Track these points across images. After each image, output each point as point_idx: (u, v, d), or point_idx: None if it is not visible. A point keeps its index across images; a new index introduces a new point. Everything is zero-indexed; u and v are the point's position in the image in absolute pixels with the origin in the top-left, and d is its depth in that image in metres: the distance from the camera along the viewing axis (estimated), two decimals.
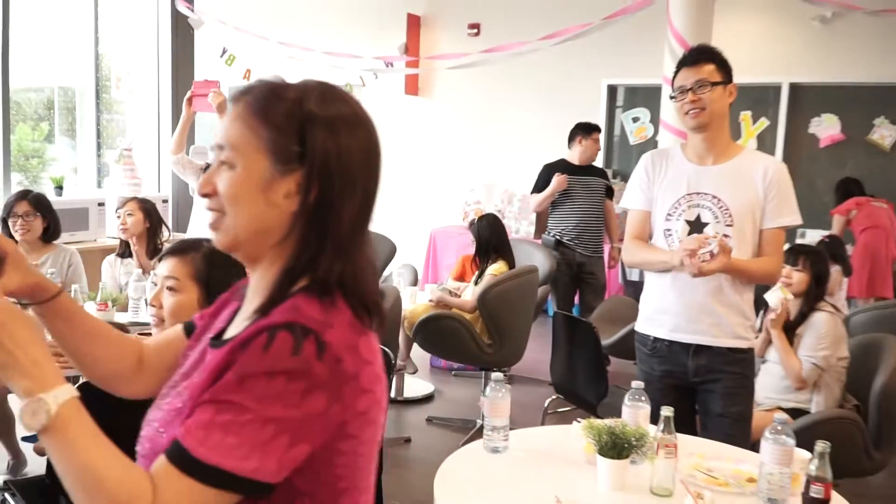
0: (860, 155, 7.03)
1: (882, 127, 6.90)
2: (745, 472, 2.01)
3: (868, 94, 6.97)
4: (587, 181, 5.45)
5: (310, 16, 8.97)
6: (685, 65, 2.67)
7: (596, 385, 3.62)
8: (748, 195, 2.58)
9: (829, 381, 3.33)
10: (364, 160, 1.13)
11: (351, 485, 1.09)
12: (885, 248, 5.86)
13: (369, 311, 1.11)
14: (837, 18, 6.75)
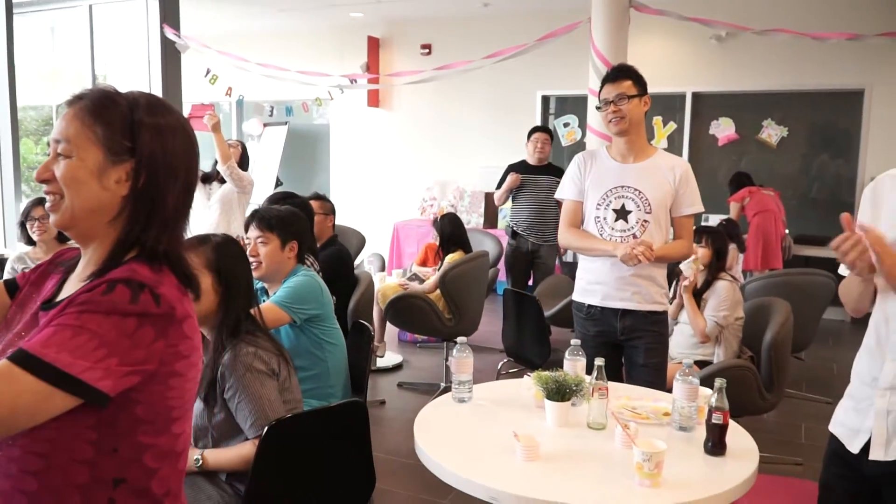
0: (752, 151, 7.27)
1: (769, 127, 7.17)
2: (661, 408, 2.17)
3: (757, 99, 7.20)
4: (538, 179, 5.49)
5: (282, 41, 8.95)
6: (607, 81, 2.81)
7: (540, 348, 3.79)
8: (663, 188, 2.75)
9: (729, 337, 3.55)
10: (185, 157, 1.20)
11: (181, 414, 1.18)
12: (774, 229, 6.11)
13: (189, 280, 1.20)
14: (731, 37, 6.98)
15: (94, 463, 1.10)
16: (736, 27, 5.59)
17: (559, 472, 1.80)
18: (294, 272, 2.75)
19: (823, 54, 6.50)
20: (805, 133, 7.12)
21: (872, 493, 1.65)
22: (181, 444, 1.21)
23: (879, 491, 1.64)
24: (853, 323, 6.61)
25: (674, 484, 1.70)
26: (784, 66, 6.89)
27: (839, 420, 1.74)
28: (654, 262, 2.72)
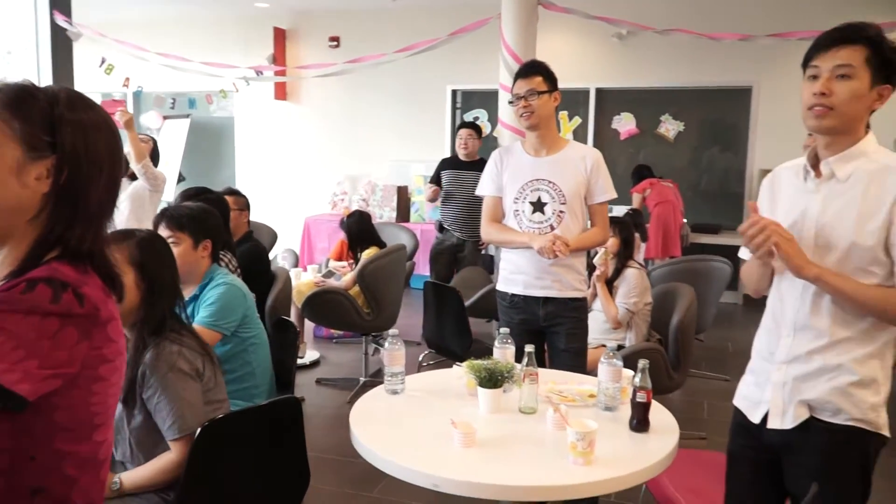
0: (651, 145, 7.63)
1: (667, 122, 7.54)
2: (586, 390, 2.28)
3: (656, 96, 7.55)
4: (465, 175, 5.48)
5: (184, 30, 8.63)
6: (519, 76, 2.89)
7: (461, 339, 3.85)
8: (576, 179, 2.86)
9: (639, 322, 3.74)
10: (108, 153, 1.16)
11: (103, 420, 1.14)
12: (674, 219, 6.44)
13: (113, 281, 1.17)
14: (632, 36, 7.29)
15: (9, 472, 1.06)
16: (638, 26, 5.85)
17: (497, 456, 1.86)
18: (210, 274, 2.68)
19: (717, 53, 6.90)
20: (699, 127, 7.54)
21: (773, 461, 1.79)
22: (103, 453, 1.18)
23: (779, 458, 1.78)
24: (746, 305, 7.08)
25: (605, 461, 1.80)
26: (681, 64, 7.26)
27: (742, 394, 1.88)
28: (573, 252, 2.83)
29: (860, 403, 1.66)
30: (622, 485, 1.77)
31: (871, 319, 1.65)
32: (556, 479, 1.73)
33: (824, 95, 1.62)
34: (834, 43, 1.63)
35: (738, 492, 1.91)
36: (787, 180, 1.81)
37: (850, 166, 1.66)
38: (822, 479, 1.64)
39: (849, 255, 1.64)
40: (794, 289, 1.72)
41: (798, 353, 1.71)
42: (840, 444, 1.68)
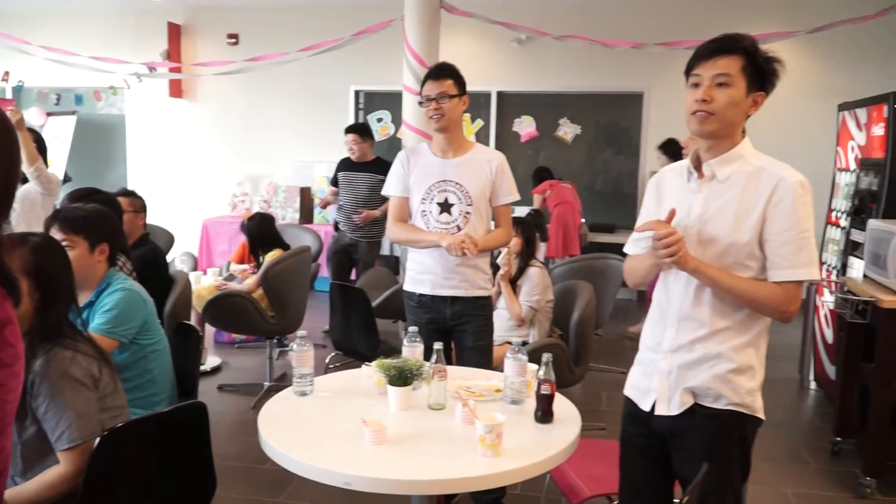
0: (550, 147, 7.88)
1: (565, 125, 7.81)
2: (493, 385, 2.35)
3: (554, 99, 7.81)
4: (356, 176, 5.58)
5: (71, 22, 8.19)
6: (430, 78, 2.93)
7: (369, 340, 3.87)
8: (482, 181, 2.93)
9: (541, 319, 3.87)
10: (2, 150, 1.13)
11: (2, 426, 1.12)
12: (572, 219, 6.67)
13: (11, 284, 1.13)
14: (531, 41, 7.51)
15: None
16: (536, 32, 6.04)
17: (408, 452, 1.89)
18: (108, 279, 2.58)
19: (611, 60, 7.20)
20: (595, 131, 7.85)
21: (662, 446, 1.91)
22: (1, 463, 1.13)
23: (667, 443, 1.90)
24: (640, 301, 7.42)
25: (512, 452, 1.86)
26: (577, 70, 7.54)
27: (631, 383, 2.00)
28: (479, 252, 2.90)
29: (738, 389, 1.79)
30: (529, 474, 1.84)
31: (747, 311, 1.79)
32: (466, 472, 1.78)
33: (706, 102, 1.75)
34: (713, 53, 1.76)
35: (631, 476, 2.02)
36: (671, 181, 1.94)
37: (729, 168, 1.79)
38: (706, 461, 1.76)
39: (728, 249, 1.77)
40: (679, 283, 1.84)
41: (682, 343, 1.83)
42: (721, 427, 1.81)
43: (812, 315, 4.85)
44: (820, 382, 4.79)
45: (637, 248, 1.97)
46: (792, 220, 1.72)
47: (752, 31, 1.82)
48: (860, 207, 4.21)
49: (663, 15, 7.27)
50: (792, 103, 6.76)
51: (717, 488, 1.82)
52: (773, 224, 1.73)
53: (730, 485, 1.84)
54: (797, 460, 3.74)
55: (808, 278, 1.73)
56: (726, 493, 1.84)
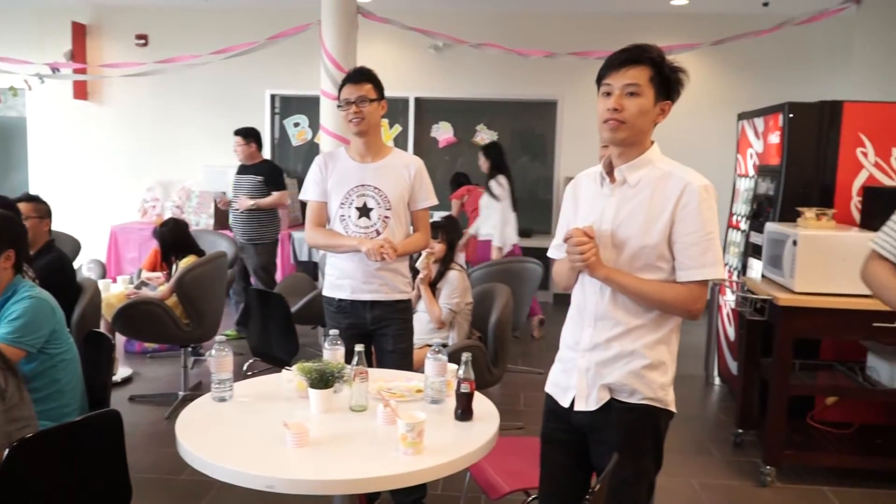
0: (467, 153, 7.97)
1: (482, 132, 7.96)
2: (414, 386, 2.39)
3: (471, 106, 7.94)
4: (242, 179, 5.73)
5: None
6: (349, 82, 2.94)
7: (288, 346, 3.84)
8: (400, 185, 2.97)
9: (461, 321, 3.94)
10: None
11: None
12: None
13: None
14: (447, 48, 7.61)
15: None
16: (452, 39, 6.14)
17: (330, 453, 1.91)
18: (13, 287, 2.48)
19: (526, 68, 7.39)
20: (511, 137, 8.03)
21: (581, 441, 2.00)
22: None
23: (586, 437, 1.99)
24: (556, 303, 7.64)
25: (433, 449, 1.91)
26: (493, 77, 7.70)
27: (552, 381, 2.08)
28: (398, 256, 2.94)
29: (651, 384, 1.90)
30: (450, 469, 1.89)
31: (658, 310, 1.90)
32: (388, 470, 1.81)
33: (617, 111, 1.84)
34: (623, 63, 1.85)
35: (551, 470, 2.10)
36: (586, 186, 2.04)
37: (639, 173, 1.90)
38: (622, 453, 1.85)
39: (639, 252, 1.87)
40: (595, 284, 1.93)
41: (599, 341, 1.93)
42: (636, 421, 1.91)
43: (715, 314, 5.13)
44: (723, 378, 5.07)
45: (560, 252, 2.04)
46: (697, 223, 1.82)
47: (657, 42, 1.93)
48: (758, 211, 4.49)
49: (575, 26, 7.52)
50: (696, 112, 7.13)
51: (633, 479, 1.91)
52: (680, 227, 1.83)
53: (644, 476, 1.94)
54: (703, 452, 3.95)
55: (714, 277, 1.85)
56: (641, 484, 1.94)
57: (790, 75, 7.33)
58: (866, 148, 3.97)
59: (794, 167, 4.10)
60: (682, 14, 7.39)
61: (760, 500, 3.42)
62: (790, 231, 3.58)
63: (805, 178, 4.09)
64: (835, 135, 3.99)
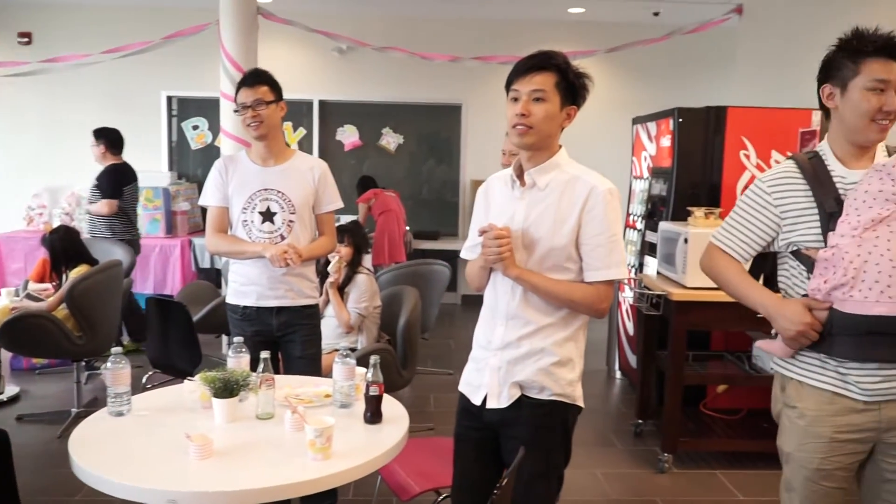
0: (374, 156, 7.99)
1: (388, 135, 7.97)
2: (322, 391, 2.37)
3: (377, 109, 7.93)
4: None
5: None
6: (244, 86, 2.89)
7: (190, 356, 3.72)
8: (304, 189, 2.94)
9: (370, 325, 3.94)
10: None
11: None
12: (397, 227, 6.79)
13: None
14: (352, 51, 7.57)
15: None
16: (356, 42, 6.12)
17: (236, 463, 1.87)
18: None
19: (430, 72, 7.45)
20: (418, 141, 8.07)
21: (493, 438, 2.04)
22: None
23: (497, 434, 2.04)
24: (464, 305, 7.73)
25: (342, 454, 1.90)
26: (398, 80, 7.71)
27: (465, 380, 2.12)
28: (305, 261, 2.92)
29: (560, 380, 1.96)
30: (360, 473, 1.89)
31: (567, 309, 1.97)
32: (296, 477, 1.79)
33: (524, 116, 1.89)
34: (529, 70, 1.90)
35: (464, 468, 2.13)
36: (497, 189, 2.08)
37: (547, 177, 1.96)
38: (532, 448, 1.90)
39: (549, 253, 1.93)
40: (506, 283, 1.97)
41: (510, 340, 1.97)
42: (545, 416, 1.96)
43: (616, 310, 5.34)
44: (624, 371, 5.28)
45: (472, 253, 2.08)
46: (603, 226, 1.90)
47: (557, 48, 1.99)
48: (652, 211, 4.71)
49: (478, 31, 7.65)
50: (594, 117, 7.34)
51: (543, 473, 1.97)
52: (586, 229, 1.91)
53: (554, 470, 2.01)
54: (606, 443, 4.11)
55: (618, 277, 1.93)
56: (551, 477, 2.00)
57: (681, 81, 7.72)
58: (748, 150, 4.24)
59: (683, 169, 4.32)
60: (580, 21, 7.65)
61: (658, 486, 3.59)
62: (681, 229, 3.77)
63: (694, 179, 4.33)
64: (720, 138, 4.24)
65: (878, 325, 1.77)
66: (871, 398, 1.83)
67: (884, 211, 1.77)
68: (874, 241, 1.77)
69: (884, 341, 1.78)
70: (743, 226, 2.00)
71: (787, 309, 1.88)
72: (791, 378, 1.96)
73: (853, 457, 1.89)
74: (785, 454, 1.99)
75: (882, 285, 1.75)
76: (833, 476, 1.89)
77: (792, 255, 1.94)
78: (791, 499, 1.96)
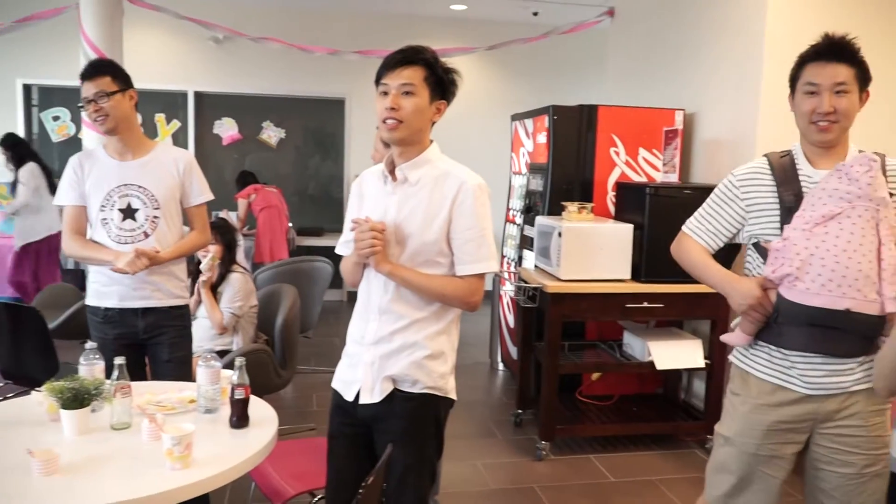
0: (255, 151, 7.77)
1: (269, 129, 7.76)
2: (186, 396, 2.26)
3: (257, 102, 7.71)
4: None
5: None
6: (85, 79, 2.69)
7: (46, 363, 3.45)
8: (168, 182, 2.79)
9: (245, 325, 3.80)
10: None
11: None
12: (279, 223, 6.63)
13: None
14: (228, 41, 7.31)
15: None
16: (231, 31, 5.89)
17: (86, 478, 1.74)
18: None
19: (312, 65, 7.30)
20: (302, 135, 7.91)
21: (367, 434, 2.02)
22: None
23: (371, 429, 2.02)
24: (349, 301, 7.64)
25: (204, 461, 1.82)
26: (279, 73, 7.52)
27: (338, 376, 2.09)
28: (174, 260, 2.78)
29: (432, 373, 1.96)
30: (223, 480, 1.81)
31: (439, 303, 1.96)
32: (153, 489, 1.69)
33: (394, 110, 1.88)
34: (398, 64, 1.90)
35: (338, 466, 2.09)
36: (371, 183, 2.06)
37: (419, 172, 1.95)
38: (405, 441, 1.90)
39: (421, 248, 1.93)
40: (379, 279, 1.96)
41: (383, 335, 1.96)
42: (418, 409, 1.96)
43: (497, 304, 5.43)
44: (506, 363, 5.38)
45: (347, 248, 2.05)
46: (472, 220, 1.92)
47: (438, 44, 1.99)
48: (530, 206, 4.82)
49: (359, 25, 7.57)
50: (475, 113, 7.48)
51: (417, 466, 1.96)
52: (456, 224, 1.92)
53: (427, 462, 2.00)
54: (487, 435, 4.17)
55: (488, 271, 1.95)
56: (425, 469, 1.99)
57: (558, 80, 7.95)
58: (618, 147, 4.41)
59: (558, 165, 4.45)
60: (461, 18, 7.72)
61: (537, 473, 3.68)
62: (555, 224, 3.87)
63: (568, 174, 4.46)
64: (592, 136, 4.39)
65: (817, 316, 1.86)
66: (814, 391, 1.94)
67: (836, 208, 1.86)
68: (822, 237, 1.86)
69: (830, 335, 1.88)
70: (711, 216, 2.13)
71: (740, 284, 1.99)
72: (740, 368, 2.10)
73: (790, 446, 2.02)
74: (723, 438, 2.11)
75: (824, 279, 1.84)
76: (770, 463, 2.02)
77: (753, 246, 2.07)
78: (726, 480, 2.08)
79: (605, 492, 3.49)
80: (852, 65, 1.91)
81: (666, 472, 3.72)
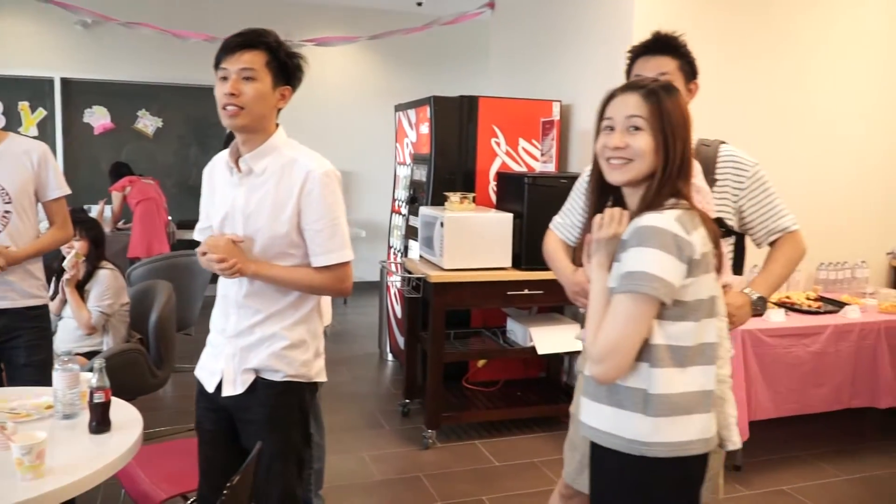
0: (131, 141, 7.38)
1: (145, 118, 7.39)
2: (43, 402, 2.14)
3: (131, 90, 7.33)
4: None
5: None
6: None
7: None
8: (21, 175, 2.63)
9: (116, 324, 3.62)
10: None
11: None
12: (158, 216, 6.33)
13: None
14: (97, 25, 6.89)
15: None
16: (99, 15, 5.58)
17: None
18: None
19: (190, 52, 7.00)
20: (184, 124, 7.59)
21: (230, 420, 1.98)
22: None
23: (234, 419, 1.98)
24: None
25: (60, 470, 1.72)
26: (154, 59, 7.18)
27: (201, 365, 2.03)
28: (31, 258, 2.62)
29: (293, 362, 1.93)
30: (80, 488, 1.72)
31: (296, 294, 1.93)
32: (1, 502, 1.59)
33: (234, 96, 1.80)
34: (238, 47, 1.81)
35: (207, 454, 2.05)
36: (220, 172, 1.99)
37: (264, 161, 1.89)
38: (270, 429, 1.88)
39: (271, 242, 1.88)
40: None
41: (242, 328, 1.92)
42: (280, 395, 1.93)
43: (385, 294, 5.44)
44: (394, 354, 5.41)
45: (203, 236, 1.98)
46: (322, 210, 1.86)
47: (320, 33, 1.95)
48: (414, 197, 4.85)
49: (237, 11, 7.33)
50: (360, 103, 7.42)
51: (281, 454, 1.94)
52: (306, 216, 1.86)
53: (293, 449, 1.97)
54: (374, 426, 4.17)
55: (342, 260, 1.91)
56: (290, 456, 1.97)
57: (441, 71, 8.00)
58: (499, 138, 4.50)
59: (441, 155, 4.49)
60: (345, 7, 7.62)
61: (423, 461, 3.72)
62: (438, 214, 3.91)
63: (450, 165, 4.51)
64: (473, 126, 4.46)
65: None
66: None
67: None
68: None
69: None
70: (569, 211, 2.33)
71: (572, 275, 2.13)
72: None
73: None
74: (572, 415, 2.21)
75: None
76: None
77: None
78: (575, 457, 2.18)
79: (488, 476, 3.57)
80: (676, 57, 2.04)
81: (547, 453, 3.86)
